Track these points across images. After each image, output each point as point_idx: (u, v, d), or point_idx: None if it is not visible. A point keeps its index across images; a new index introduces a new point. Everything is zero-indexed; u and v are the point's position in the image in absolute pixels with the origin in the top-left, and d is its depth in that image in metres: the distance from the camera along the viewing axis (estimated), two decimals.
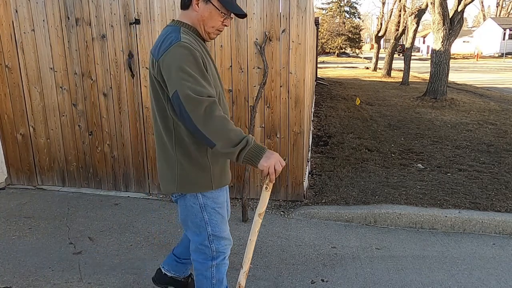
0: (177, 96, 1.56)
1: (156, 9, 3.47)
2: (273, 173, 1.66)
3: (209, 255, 1.92)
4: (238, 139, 1.59)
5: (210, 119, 1.56)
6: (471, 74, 20.33)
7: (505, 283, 2.58)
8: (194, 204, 1.83)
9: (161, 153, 1.81)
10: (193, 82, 1.56)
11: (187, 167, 1.76)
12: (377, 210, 3.42)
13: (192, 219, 1.86)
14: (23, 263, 2.73)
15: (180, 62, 1.57)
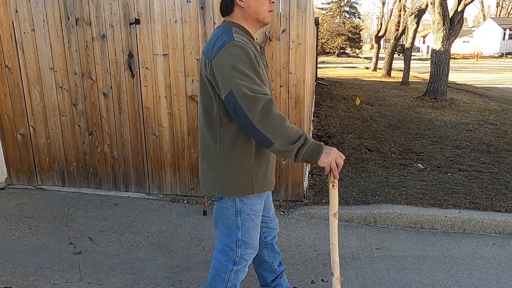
0: (232, 95, 1.53)
1: (156, 9, 3.47)
2: (335, 168, 1.65)
3: (232, 259, 1.89)
4: (296, 137, 1.59)
5: (268, 117, 1.54)
6: (471, 74, 20.33)
7: (505, 283, 2.58)
8: (230, 207, 1.81)
9: (204, 156, 1.79)
10: (248, 81, 1.54)
11: (230, 170, 1.74)
12: (377, 210, 3.42)
13: (225, 220, 1.85)
14: (23, 263, 2.73)
15: (234, 61, 1.55)
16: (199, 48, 3.48)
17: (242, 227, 1.84)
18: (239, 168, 1.74)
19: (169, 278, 2.58)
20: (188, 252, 2.90)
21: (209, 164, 1.78)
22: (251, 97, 1.52)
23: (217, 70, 1.57)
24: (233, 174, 1.74)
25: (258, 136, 1.57)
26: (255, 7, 1.69)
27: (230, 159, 1.73)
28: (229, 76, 1.54)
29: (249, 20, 1.72)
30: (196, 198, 3.83)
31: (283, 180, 3.67)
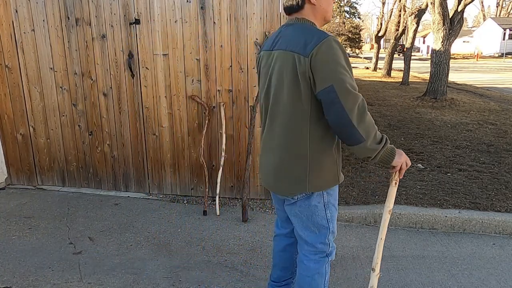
0: (332, 90, 1.53)
1: (156, 9, 3.47)
2: (404, 169, 1.73)
3: (327, 252, 1.91)
4: (380, 137, 1.63)
5: (364, 115, 1.56)
6: (471, 74, 20.33)
7: (505, 283, 2.58)
8: (318, 203, 1.80)
9: (289, 152, 1.73)
10: (349, 77, 1.56)
11: (320, 165, 1.73)
12: (377, 210, 3.42)
13: (314, 218, 1.83)
14: (23, 263, 2.73)
15: (335, 56, 1.56)
16: (199, 48, 3.49)
17: (332, 219, 1.86)
18: (328, 161, 1.74)
19: (169, 278, 2.58)
20: (188, 252, 2.90)
21: (297, 160, 1.72)
22: (352, 94, 1.54)
23: (316, 65, 1.56)
24: (323, 168, 1.74)
25: (351, 133, 1.57)
26: (325, 5, 1.71)
27: (320, 154, 1.71)
28: (330, 70, 1.54)
29: (318, 17, 1.72)
30: (196, 198, 3.83)
31: None
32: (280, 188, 1.81)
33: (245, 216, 3.38)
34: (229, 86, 3.53)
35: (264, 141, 1.86)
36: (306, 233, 1.87)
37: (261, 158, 1.89)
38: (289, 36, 1.68)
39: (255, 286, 2.52)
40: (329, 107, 1.57)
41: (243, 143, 3.63)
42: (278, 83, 1.69)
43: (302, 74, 1.60)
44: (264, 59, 1.78)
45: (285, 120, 1.71)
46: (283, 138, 1.73)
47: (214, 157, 3.71)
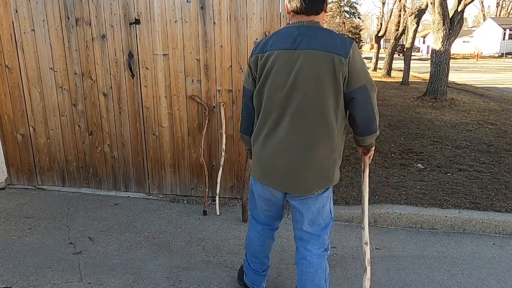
0: (365, 88, 1.75)
1: (156, 9, 3.47)
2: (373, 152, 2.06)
3: (327, 245, 2.02)
4: None
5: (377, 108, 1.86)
6: (471, 74, 20.33)
7: (505, 283, 2.58)
8: (328, 196, 1.93)
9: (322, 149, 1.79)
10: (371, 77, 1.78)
11: (340, 157, 1.89)
12: (377, 210, 3.42)
13: (324, 211, 1.94)
14: (23, 263, 2.73)
15: (362, 59, 1.76)
16: (199, 48, 3.48)
17: (332, 211, 1.99)
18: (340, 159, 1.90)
19: (169, 278, 2.58)
20: (188, 252, 2.90)
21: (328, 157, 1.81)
22: (376, 91, 1.81)
23: (352, 66, 1.70)
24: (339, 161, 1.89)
25: (373, 124, 1.84)
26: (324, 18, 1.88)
27: (340, 148, 1.88)
28: (363, 71, 1.75)
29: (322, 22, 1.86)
30: (196, 198, 3.83)
31: None
32: (304, 186, 1.83)
33: (245, 216, 3.38)
34: (229, 86, 3.53)
35: (279, 142, 1.81)
36: (313, 228, 1.95)
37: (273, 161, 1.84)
38: (319, 37, 1.73)
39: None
40: (361, 104, 1.76)
41: (243, 143, 3.62)
42: (311, 82, 1.72)
43: (342, 74, 1.70)
44: (283, 58, 1.75)
45: (319, 118, 1.75)
46: (316, 135, 1.77)
47: (214, 157, 3.71)
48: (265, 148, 1.86)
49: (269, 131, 1.84)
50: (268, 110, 1.83)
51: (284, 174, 1.83)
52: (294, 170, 1.81)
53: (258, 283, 2.31)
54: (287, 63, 1.75)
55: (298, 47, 1.73)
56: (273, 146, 1.83)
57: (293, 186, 1.84)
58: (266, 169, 1.88)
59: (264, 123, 1.86)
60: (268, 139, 1.85)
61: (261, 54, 1.83)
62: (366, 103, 1.76)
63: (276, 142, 1.82)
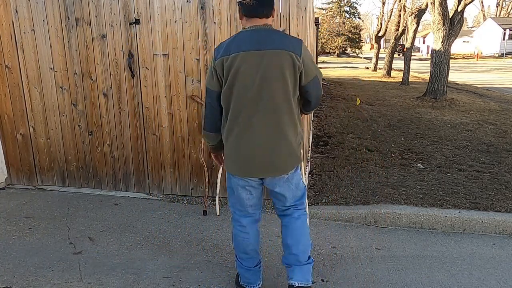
0: (316, 79, 2.10)
1: (156, 9, 3.47)
2: None
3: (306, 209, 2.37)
4: None
5: None
6: (471, 74, 20.33)
7: (505, 283, 2.58)
8: (299, 173, 2.25)
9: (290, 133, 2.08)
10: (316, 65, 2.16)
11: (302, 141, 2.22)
12: (377, 210, 3.42)
13: (299, 183, 2.26)
14: (23, 263, 2.73)
15: (310, 54, 2.13)
16: (199, 48, 3.48)
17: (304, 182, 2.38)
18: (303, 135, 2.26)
19: (169, 278, 2.58)
20: (188, 252, 2.90)
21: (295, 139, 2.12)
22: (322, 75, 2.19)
23: (305, 61, 2.03)
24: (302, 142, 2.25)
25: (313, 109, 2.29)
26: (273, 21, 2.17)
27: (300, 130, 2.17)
28: (312, 65, 2.09)
29: None
30: (196, 198, 3.83)
31: None
32: (281, 168, 2.11)
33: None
34: None
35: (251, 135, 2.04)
36: (295, 198, 2.28)
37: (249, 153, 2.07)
38: (276, 37, 2.02)
39: None
40: (315, 91, 2.12)
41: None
42: (277, 77, 1.99)
43: (298, 68, 2.01)
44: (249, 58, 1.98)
45: (285, 108, 2.04)
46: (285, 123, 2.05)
47: None
48: (241, 142, 2.07)
49: (244, 126, 2.04)
50: (239, 107, 2.04)
51: (263, 162, 2.07)
52: (271, 156, 2.06)
53: (253, 280, 2.36)
54: (253, 62, 1.97)
55: (262, 47, 1.97)
56: (249, 139, 2.05)
57: (272, 170, 2.10)
58: (245, 161, 2.09)
59: (235, 120, 2.06)
60: (243, 134, 2.05)
61: (225, 56, 2.01)
62: (318, 90, 2.13)
63: (252, 135, 2.04)
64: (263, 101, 2.00)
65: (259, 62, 1.96)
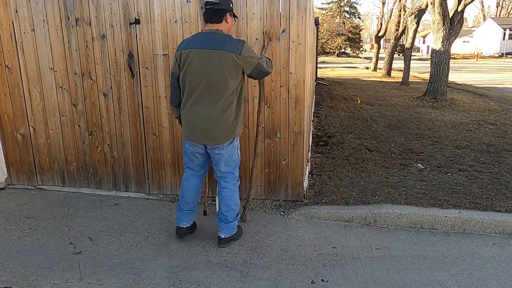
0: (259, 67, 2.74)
1: (156, 9, 3.47)
2: None
3: (237, 177, 2.96)
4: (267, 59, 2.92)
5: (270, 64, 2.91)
6: (471, 74, 20.33)
7: (505, 283, 2.58)
8: (235, 145, 2.86)
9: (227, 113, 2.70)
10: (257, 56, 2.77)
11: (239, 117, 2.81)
12: (377, 210, 3.42)
13: (234, 156, 2.87)
14: (23, 263, 2.73)
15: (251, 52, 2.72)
16: None
17: (239, 155, 2.97)
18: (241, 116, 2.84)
19: (169, 278, 2.58)
20: (188, 252, 2.90)
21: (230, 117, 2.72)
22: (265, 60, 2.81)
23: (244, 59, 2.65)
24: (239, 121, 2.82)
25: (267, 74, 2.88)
26: (230, 25, 2.80)
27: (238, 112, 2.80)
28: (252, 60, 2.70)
29: (226, 30, 2.75)
30: None
31: (283, 180, 3.66)
32: (217, 139, 2.74)
33: (244, 216, 3.38)
34: None
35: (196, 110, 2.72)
36: (228, 168, 2.87)
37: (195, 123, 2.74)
38: (221, 40, 2.64)
39: (255, 286, 2.52)
40: (257, 76, 2.82)
41: (243, 143, 3.62)
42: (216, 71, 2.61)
43: (239, 65, 2.65)
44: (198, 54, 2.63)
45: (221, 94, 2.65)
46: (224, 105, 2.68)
47: None
48: (190, 115, 2.75)
49: (192, 102, 2.72)
50: (190, 89, 2.71)
51: (204, 132, 2.73)
52: (209, 129, 2.71)
53: (182, 219, 3.02)
54: (201, 58, 2.63)
55: (209, 47, 2.62)
56: (195, 113, 2.72)
57: (209, 140, 2.75)
58: (192, 130, 2.78)
59: (188, 97, 2.73)
60: (191, 108, 2.73)
61: (184, 50, 2.68)
62: (260, 74, 2.80)
63: (197, 111, 2.71)
64: (206, 87, 2.64)
65: (205, 57, 2.61)
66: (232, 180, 2.92)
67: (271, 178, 3.68)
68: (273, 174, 3.67)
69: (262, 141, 3.60)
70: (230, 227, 2.95)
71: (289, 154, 3.60)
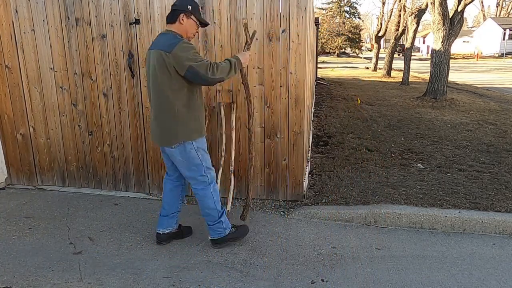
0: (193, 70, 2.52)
1: (156, 9, 3.47)
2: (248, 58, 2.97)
3: (208, 181, 2.80)
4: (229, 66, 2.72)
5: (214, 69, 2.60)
6: (471, 74, 20.33)
7: (505, 283, 2.58)
8: (191, 149, 2.70)
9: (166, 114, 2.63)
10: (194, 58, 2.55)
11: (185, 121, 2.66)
12: (377, 210, 3.42)
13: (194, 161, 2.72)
14: (23, 263, 2.73)
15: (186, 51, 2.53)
16: (199, 48, 3.48)
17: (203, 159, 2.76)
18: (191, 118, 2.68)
19: (169, 278, 2.58)
20: (188, 252, 2.90)
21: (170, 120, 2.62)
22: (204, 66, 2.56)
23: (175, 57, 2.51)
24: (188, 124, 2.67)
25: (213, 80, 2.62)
26: (188, 27, 2.68)
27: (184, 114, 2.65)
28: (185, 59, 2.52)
29: (182, 32, 2.66)
30: None
31: (283, 180, 3.67)
32: (158, 139, 2.72)
33: (244, 216, 3.37)
34: (229, 86, 3.53)
35: (151, 110, 2.73)
36: (191, 173, 2.76)
37: (151, 123, 2.78)
38: (163, 40, 2.59)
39: (255, 286, 2.52)
40: (193, 78, 2.56)
41: (243, 143, 3.63)
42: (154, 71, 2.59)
43: (169, 63, 2.52)
44: (148, 55, 2.67)
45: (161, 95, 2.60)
46: (161, 105, 2.63)
47: (214, 157, 3.71)
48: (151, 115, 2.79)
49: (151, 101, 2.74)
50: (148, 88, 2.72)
51: (154, 133, 2.76)
52: (156, 130, 2.72)
53: (159, 224, 2.99)
54: (148, 58, 2.67)
55: (152, 47, 2.63)
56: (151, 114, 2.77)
57: (154, 139, 2.77)
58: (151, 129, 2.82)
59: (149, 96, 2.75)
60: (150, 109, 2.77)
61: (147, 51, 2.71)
62: (196, 77, 2.56)
63: (151, 111, 2.75)
64: (152, 87, 2.66)
65: (149, 57, 2.64)
66: (198, 185, 2.80)
67: (271, 178, 3.68)
68: (273, 174, 3.67)
69: (262, 141, 3.60)
70: (214, 229, 2.90)
71: (289, 154, 3.60)
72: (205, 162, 2.77)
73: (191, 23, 2.67)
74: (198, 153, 2.72)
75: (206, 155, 2.79)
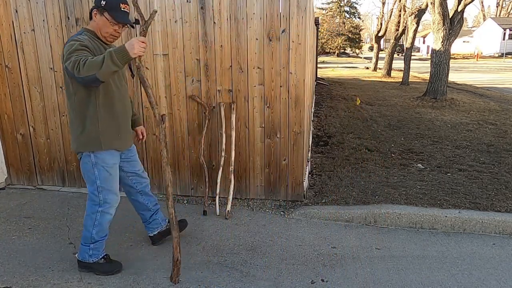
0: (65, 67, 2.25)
1: (156, 9, 3.46)
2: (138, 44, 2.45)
3: (97, 202, 2.55)
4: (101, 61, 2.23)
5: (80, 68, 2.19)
6: (471, 74, 20.33)
7: (505, 283, 2.58)
8: (88, 162, 2.46)
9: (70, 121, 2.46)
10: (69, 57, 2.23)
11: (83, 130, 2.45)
12: (377, 210, 3.42)
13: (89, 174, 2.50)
14: (23, 263, 2.73)
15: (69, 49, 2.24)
16: (199, 48, 3.49)
17: (100, 177, 2.48)
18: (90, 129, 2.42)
19: (169, 278, 2.57)
20: (188, 252, 2.90)
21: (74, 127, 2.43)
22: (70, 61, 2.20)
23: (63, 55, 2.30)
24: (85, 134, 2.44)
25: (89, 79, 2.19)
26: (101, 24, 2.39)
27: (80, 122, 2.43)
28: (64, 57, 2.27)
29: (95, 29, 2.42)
30: (196, 198, 3.83)
31: (283, 180, 3.67)
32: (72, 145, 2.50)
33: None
34: (229, 86, 3.53)
35: None
36: (88, 186, 2.53)
37: None
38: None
39: (255, 286, 2.52)
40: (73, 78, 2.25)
41: (243, 143, 3.63)
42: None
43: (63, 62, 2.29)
44: None
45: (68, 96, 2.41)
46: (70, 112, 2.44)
47: (214, 157, 3.71)
48: None
49: None
50: None
51: None
52: None
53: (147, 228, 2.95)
54: None
55: None
56: None
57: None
58: None
59: None
60: None
61: None
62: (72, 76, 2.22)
63: None
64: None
65: None
66: (88, 200, 2.57)
67: (271, 178, 3.68)
68: (273, 174, 3.67)
69: (262, 141, 3.60)
70: (81, 250, 2.62)
71: (289, 154, 3.60)
72: (100, 181, 2.48)
73: (103, 20, 2.37)
74: (94, 168, 2.46)
75: (106, 173, 2.48)
